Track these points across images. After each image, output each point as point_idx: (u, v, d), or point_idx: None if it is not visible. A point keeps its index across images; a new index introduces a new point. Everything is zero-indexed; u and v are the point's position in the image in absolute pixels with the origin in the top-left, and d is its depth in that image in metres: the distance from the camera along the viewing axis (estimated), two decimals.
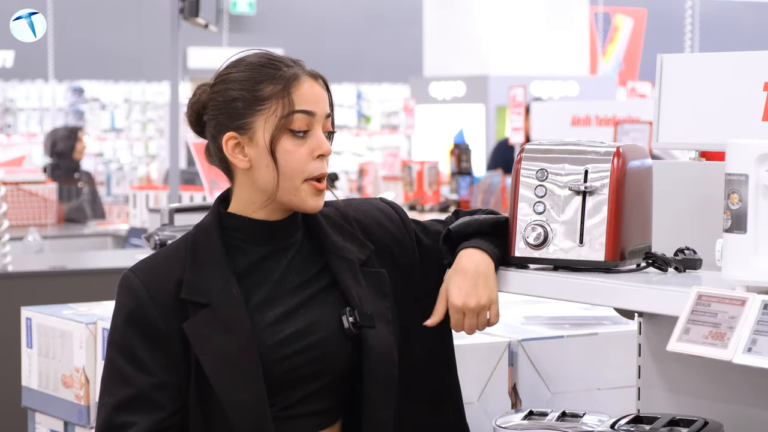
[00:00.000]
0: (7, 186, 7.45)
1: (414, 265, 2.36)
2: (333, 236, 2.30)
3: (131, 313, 2.21)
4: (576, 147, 2.24)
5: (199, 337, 2.18)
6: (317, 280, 2.28)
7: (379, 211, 2.40)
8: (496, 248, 2.27)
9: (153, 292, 2.21)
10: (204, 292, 2.20)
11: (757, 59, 2.40)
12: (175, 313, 2.20)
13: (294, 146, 2.21)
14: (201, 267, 2.22)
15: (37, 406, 3.27)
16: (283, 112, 2.21)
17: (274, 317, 2.22)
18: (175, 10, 6.97)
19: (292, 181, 2.22)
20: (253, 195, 2.25)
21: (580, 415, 2.40)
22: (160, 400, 2.19)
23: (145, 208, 8.18)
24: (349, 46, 21.54)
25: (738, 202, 1.92)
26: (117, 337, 2.23)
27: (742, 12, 24.13)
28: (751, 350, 1.85)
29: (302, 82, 2.23)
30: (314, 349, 2.22)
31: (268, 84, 2.22)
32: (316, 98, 2.24)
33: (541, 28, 14.89)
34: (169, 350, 2.20)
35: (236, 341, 2.17)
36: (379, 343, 2.24)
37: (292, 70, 2.23)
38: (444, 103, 14.94)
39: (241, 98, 2.22)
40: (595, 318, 3.03)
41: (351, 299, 2.25)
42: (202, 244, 2.25)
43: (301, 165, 2.22)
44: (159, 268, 2.24)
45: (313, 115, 2.22)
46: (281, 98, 2.21)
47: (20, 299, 4.27)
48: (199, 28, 7.38)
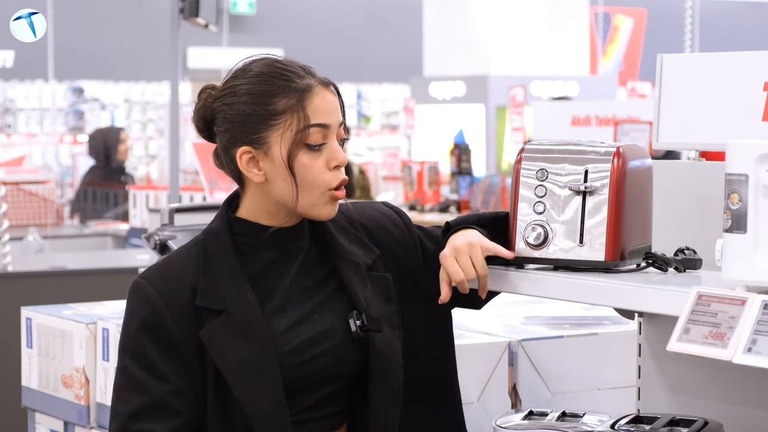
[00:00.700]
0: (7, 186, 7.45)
1: (418, 270, 2.35)
2: (339, 239, 2.29)
3: (145, 320, 2.19)
4: (576, 147, 2.24)
5: (217, 344, 2.17)
6: (325, 284, 2.27)
7: (384, 215, 2.39)
8: (489, 234, 2.27)
9: (167, 299, 2.19)
10: (219, 299, 2.18)
11: (757, 59, 2.40)
12: (190, 320, 2.18)
13: (310, 160, 2.19)
14: (214, 273, 2.20)
15: (37, 406, 3.27)
16: (299, 127, 2.18)
17: (289, 323, 2.22)
18: (175, 10, 6.97)
19: (311, 194, 2.20)
20: (268, 205, 2.24)
21: (580, 415, 2.40)
22: (177, 407, 2.17)
23: (145, 208, 8.18)
24: (349, 46, 21.53)
25: (738, 202, 1.92)
26: (131, 345, 2.20)
27: (742, 12, 24.14)
28: (751, 350, 1.85)
29: (315, 93, 2.20)
30: (328, 355, 2.22)
31: (282, 97, 2.18)
32: (330, 109, 2.22)
33: (541, 28, 14.89)
34: (185, 358, 2.18)
35: (255, 348, 2.17)
36: (385, 346, 2.24)
37: (304, 81, 2.20)
38: (444, 103, 14.93)
39: (254, 113, 2.18)
40: (595, 318, 3.03)
41: (358, 303, 2.25)
42: (214, 249, 2.22)
43: (319, 177, 2.20)
44: (172, 275, 2.22)
45: (328, 128, 2.21)
46: (296, 112, 2.18)
47: (20, 299, 4.27)
48: (199, 28, 7.38)
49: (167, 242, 3.10)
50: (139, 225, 8.21)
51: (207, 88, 2.26)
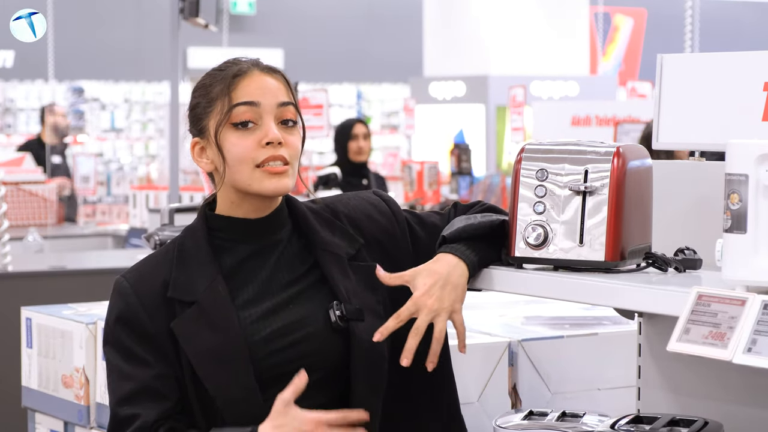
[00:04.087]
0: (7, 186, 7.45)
1: (406, 257, 2.36)
2: (321, 232, 2.32)
3: (120, 314, 2.26)
4: (576, 147, 2.24)
5: (188, 335, 2.22)
6: (306, 277, 2.30)
7: (369, 204, 2.41)
8: (479, 254, 2.26)
9: (140, 293, 2.25)
10: (190, 291, 2.24)
11: (757, 59, 2.40)
12: (163, 313, 2.23)
13: (239, 138, 2.25)
14: (188, 267, 2.26)
15: (37, 406, 3.27)
16: (225, 108, 2.26)
17: (261, 313, 2.24)
18: (175, 10, 6.98)
19: (242, 171, 2.25)
20: (228, 193, 2.30)
21: (580, 415, 2.40)
22: (163, 390, 2.21)
23: (145, 208, 8.19)
24: (349, 46, 21.53)
25: (738, 202, 1.92)
26: (110, 338, 2.27)
27: (742, 12, 24.14)
28: (751, 350, 1.85)
29: (246, 76, 2.27)
30: (301, 344, 2.24)
31: (216, 85, 2.28)
32: (262, 90, 2.27)
33: (541, 28, 14.90)
34: (161, 348, 2.23)
35: (223, 338, 2.20)
36: (367, 335, 2.24)
37: (237, 67, 2.28)
38: (444, 103, 14.94)
39: (197, 105, 2.30)
40: (595, 318, 3.03)
41: (339, 294, 2.27)
42: (189, 244, 2.29)
43: (246, 154, 2.25)
44: (149, 271, 2.29)
45: (257, 106, 2.26)
46: (224, 96, 2.26)
47: (20, 299, 4.27)
48: (199, 28, 7.38)
49: (167, 242, 3.09)
50: (139, 225, 8.21)
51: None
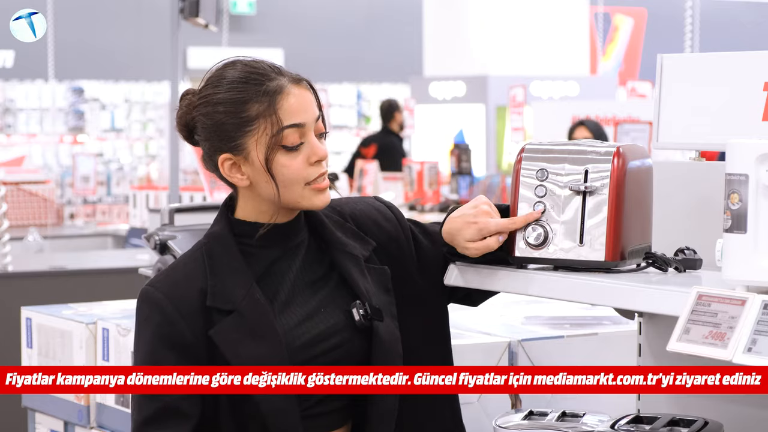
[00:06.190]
0: (7, 186, 7.45)
1: (410, 264, 2.37)
2: (336, 233, 2.32)
3: (158, 328, 2.21)
4: (576, 147, 2.24)
5: (229, 343, 2.19)
6: (327, 277, 2.30)
7: (375, 210, 2.41)
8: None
9: (177, 302, 2.21)
10: (229, 299, 2.21)
11: (757, 59, 2.40)
12: (200, 321, 2.20)
13: (289, 159, 2.21)
14: (221, 274, 2.23)
15: (37, 406, 3.27)
16: (273, 131, 2.20)
17: (298, 319, 2.24)
18: (175, 10, 6.98)
19: (293, 191, 2.23)
20: (261, 205, 2.27)
21: (580, 415, 2.40)
22: (188, 411, 2.20)
23: (145, 208, 8.18)
24: (349, 47, 21.52)
25: (738, 202, 1.92)
26: (144, 354, 2.23)
27: (742, 12, 24.13)
28: (751, 350, 1.85)
29: (286, 94, 2.21)
30: (338, 349, 2.25)
31: (253, 103, 2.20)
32: (304, 107, 2.22)
33: (541, 28, 14.88)
34: (197, 359, 2.20)
35: (266, 345, 2.19)
36: (387, 335, 2.26)
37: (274, 82, 2.21)
38: (444, 103, 14.93)
39: (229, 122, 2.21)
40: (595, 318, 3.03)
41: (360, 293, 2.27)
42: (219, 251, 2.25)
43: (298, 175, 2.22)
44: (180, 280, 2.24)
45: (303, 126, 2.22)
46: (268, 116, 2.20)
47: (20, 299, 4.27)
48: (199, 28, 7.38)
49: (167, 242, 3.10)
50: (139, 225, 8.21)
51: (187, 93, 2.29)
